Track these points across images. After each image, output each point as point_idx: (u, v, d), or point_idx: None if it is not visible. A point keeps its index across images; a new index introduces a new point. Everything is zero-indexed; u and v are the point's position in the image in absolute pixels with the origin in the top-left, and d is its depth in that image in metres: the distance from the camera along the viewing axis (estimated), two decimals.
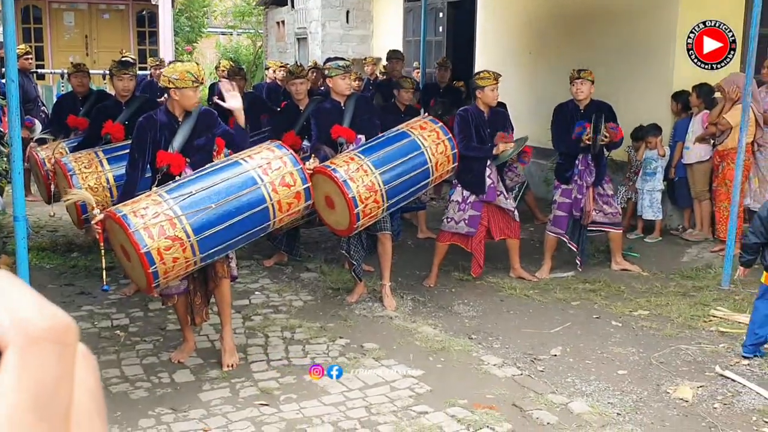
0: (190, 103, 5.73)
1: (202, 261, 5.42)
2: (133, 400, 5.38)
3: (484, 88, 7.79)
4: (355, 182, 6.59)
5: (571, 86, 8.14)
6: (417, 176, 7.02)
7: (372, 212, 6.75)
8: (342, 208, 6.69)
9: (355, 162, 6.72)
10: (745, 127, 7.81)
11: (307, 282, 8.13)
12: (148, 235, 5.07)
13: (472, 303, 7.58)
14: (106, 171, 7.44)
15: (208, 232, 5.29)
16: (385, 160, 6.82)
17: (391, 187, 6.78)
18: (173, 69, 5.74)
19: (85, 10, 21.33)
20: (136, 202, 5.28)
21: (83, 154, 7.58)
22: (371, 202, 6.67)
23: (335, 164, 6.70)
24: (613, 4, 11.30)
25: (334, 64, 7.30)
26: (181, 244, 5.17)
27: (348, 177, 6.58)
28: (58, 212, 8.43)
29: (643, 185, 9.80)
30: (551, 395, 5.48)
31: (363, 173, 6.66)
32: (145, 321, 6.96)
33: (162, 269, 5.13)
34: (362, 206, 6.61)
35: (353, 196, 6.54)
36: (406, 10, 17.63)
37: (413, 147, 7.02)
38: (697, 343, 6.51)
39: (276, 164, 5.69)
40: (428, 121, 7.37)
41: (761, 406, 5.36)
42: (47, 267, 8.50)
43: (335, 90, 7.23)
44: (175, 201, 5.25)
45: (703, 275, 8.40)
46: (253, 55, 28.72)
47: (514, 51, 13.48)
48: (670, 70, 10.26)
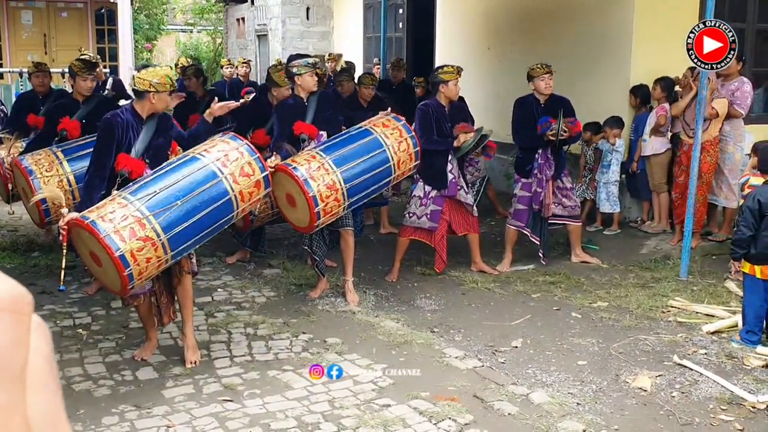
0: (164, 107, 5.83)
1: (174, 258, 5.47)
2: (97, 398, 5.37)
3: (448, 82, 7.84)
4: (316, 181, 6.62)
5: (537, 80, 8.20)
6: (379, 174, 7.06)
7: (333, 210, 6.78)
8: (303, 207, 6.72)
9: (316, 160, 6.74)
10: (700, 120, 7.93)
11: (270, 278, 8.14)
12: (120, 238, 5.08)
13: (434, 297, 7.63)
14: (67, 173, 7.40)
15: (177, 229, 5.34)
16: (346, 158, 6.85)
17: (352, 185, 6.82)
18: (154, 73, 5.79)
19: (43, 9, 21.11)
20: (101, 207, 5.27)
21: (42, 155, 7.52)
22: (332, 201, 6.70)
23: (296, 162, 6.72)
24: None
25: (303, 62, 7.29)
26: (152, 244, 5.20)
27: (309, 176, 6.61)
28: (18, 211, 8.39)
29: (599, 178, 9.91)
30: (512, 386, 5.54)
31: (324, 172, 6.69)
32: (107, 319, 6.94)
33: (136, 270, 5.15)
34: (323, 205, 6.64)
35: (313, 195, 6.57)
36: (366, 7, 17.65)
37: (375, 145, 7.06)
38: (655, 333, 6.60)
39: (233, 155, 5.74)
40: (391, 118, 7.39)
41: (718, 394, 5.45)
42: (8, 267, 8.42)
43: (303, 87, 7.25)
44: (141, 202, 5.28)
45: (661, 267, 8.51)
46: (213, 52, 28.62)
47: (473, 46, 13.56)
48: (627, 64, 10.38)
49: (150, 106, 5.75)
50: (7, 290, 0.80)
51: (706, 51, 7.63)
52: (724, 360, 6.04)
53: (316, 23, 19.43)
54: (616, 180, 9.85)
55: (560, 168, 8.40)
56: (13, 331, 0.80)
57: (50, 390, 0.86)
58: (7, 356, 0.79)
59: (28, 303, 0.82)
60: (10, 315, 0.79)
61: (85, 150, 7.06)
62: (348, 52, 18.03)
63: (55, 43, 21.04)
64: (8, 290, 0.80)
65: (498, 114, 11.48)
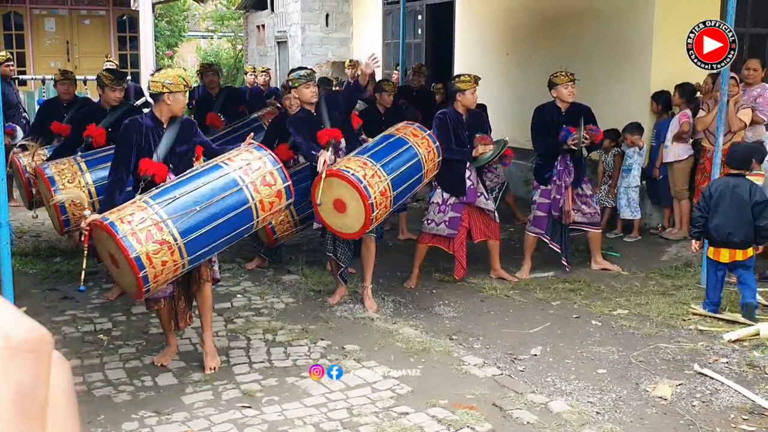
0: (180, 107, 5.83)
1: (190, 263, 5.46)
2: (117, 403, 5.39)
3: (465, 91, 7.85)
4: (373, 188, 6.65)
5: (560, 88, 8.18)
6: (415, 182, 7.26)
7: (380, 217, 6.87)
8: (357, 213, 6.71)
9: (369, 167, 6.77)
10: (721, 127, 7.89)
11: (289, 284, 8.15)
12: (136, 240, 5.10)
13: (452, 304, 7.62)
14: (88, 184, 7.42)
15: (194, 234, 5.35)
16: (393, 166, 6.96)
17: (398, 192, 6.95)
18: (166, 75, 5.81)
19: (66, 17, 21.29)
20: (121, 209, 5.30)
21: (66, 165, 7.54)
22: (383, 207, 6.81)
23: (352, 169, 6.73)
24: (590, 4, 11.37)
25: (295, 75, 7.27)
26: (169, 248, 5.21)
27: (367, 183, 6.65)
28: (41, 216, 8.45)
29: (620, 183, 9.87)
30: (531, 395, 5.52)
31: (378, 179, 6.74)
32: (127, 325, 6.97)
33: (152, 273, 5.16)
34: (377, 212, 6.69)
35: (372, 203, 6.60)
36: (385, 13, 17.68)
37: (412, 155, 7.21)
38: (676, 342, 6.56)
39: (256, 165, 5.75)
40: (418, 128, 7.50)
41: (739, 403, 5.41)
42: (30, 272, 8.49)
43: (301, 99, 7.27)
44: (160, 206, 5.30)
45: (682, 274, 8.46)
46: (234, 59, 28.71)
47: (492, 52, 13.56)
48: (647, 71, 10.35)
49: (167, 108, 5.78)
50: (29, 331, 0.84)
51: (706, 51, 7.60)
52: (746, 369, 5.99)
53: (336, 30, 19.46)
54: (636, 185, 9.81)
55: (580, 175, 8.37)
56: (34, 370, 0.84)
57: (70, 425, 0.91)
58: (29, 395, 0.83)
59: (49, 342, 0.86)
60: (33, 356, 0.83)
61: (107, 162, 7.12)
62: None
63: (77, 50, 21.22)
64: (30, 331, 0.84)
65: (517, 119, 11.47)
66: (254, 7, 23.37)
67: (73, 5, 21.19)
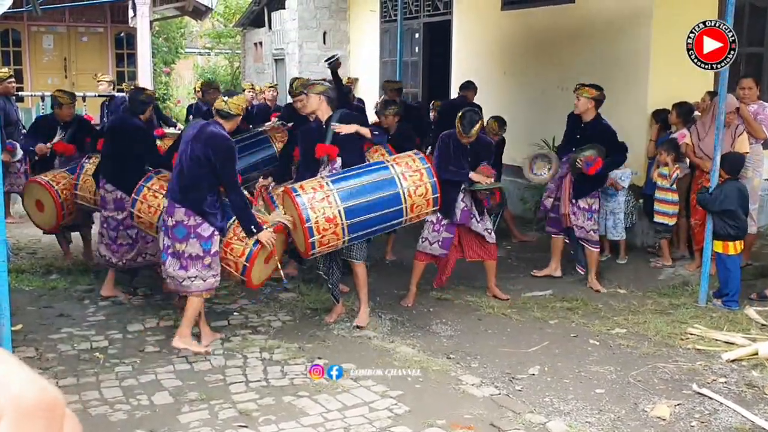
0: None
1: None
2: (112, 422, 5.36)
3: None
4: (316, 212, 6.59)
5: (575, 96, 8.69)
6: (386, 215, 6.91)
7: (330, 243, 6.73)
8: (300, 233, 6.73)
9: (322, 190, 6.70)
10: (719, 146, 7.89)
11: (286, 302, 8.13)
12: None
13: (450, 322, 7.60)
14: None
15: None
16: (353, 193, 6.76)
17: (353, 222, 6.72)
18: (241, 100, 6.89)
19: (64, 33, 21.32)
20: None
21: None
22: (330, 234, 6.66)
23: (303, 189, 6.72)
24: (587, 24, 11.40)
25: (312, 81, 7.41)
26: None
27: (310, 206, 6.61)
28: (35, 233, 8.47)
29: (605, 206, 9.60)
30: (529, 415, 5.50)
31: (327, 204, 6.64)
32: (123, 343, 6.94)
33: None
34: (319, 236, 6.62)
35: (310, 226, 6.56)
36: (382, 31, 17.70)
37: (388, 184, 6.90)
38: (674, 361, 6.55)
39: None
40: (416, 158, 7.15)
41: (738, 423, 5.39)
42: (26, 289, 8.45)
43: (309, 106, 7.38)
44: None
45: (680, 293, 8.46)
46: (231, 76, 28.72)
47: (489, 71, 13.57)
48: (644, 91, 10.36)
49: (233, 125, 6.79)
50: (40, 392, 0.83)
51: (706, 51, 7.60)
52: (744, 389, 5.98)
53: (333, 47, 19.46)
54: (621, 209, 9.69)
55: (584, 189, 8.51)
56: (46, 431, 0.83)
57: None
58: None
59: (61, 404, 0.85)
60: (46, 418, 0.83)
61: None
62: (364, 77, 18.08)
63: (75, 67, 21.23)
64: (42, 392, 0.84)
65: (514, 138, 11.45)
66: (251, 25, 23.42)
67: (72, 22, 21.22)
